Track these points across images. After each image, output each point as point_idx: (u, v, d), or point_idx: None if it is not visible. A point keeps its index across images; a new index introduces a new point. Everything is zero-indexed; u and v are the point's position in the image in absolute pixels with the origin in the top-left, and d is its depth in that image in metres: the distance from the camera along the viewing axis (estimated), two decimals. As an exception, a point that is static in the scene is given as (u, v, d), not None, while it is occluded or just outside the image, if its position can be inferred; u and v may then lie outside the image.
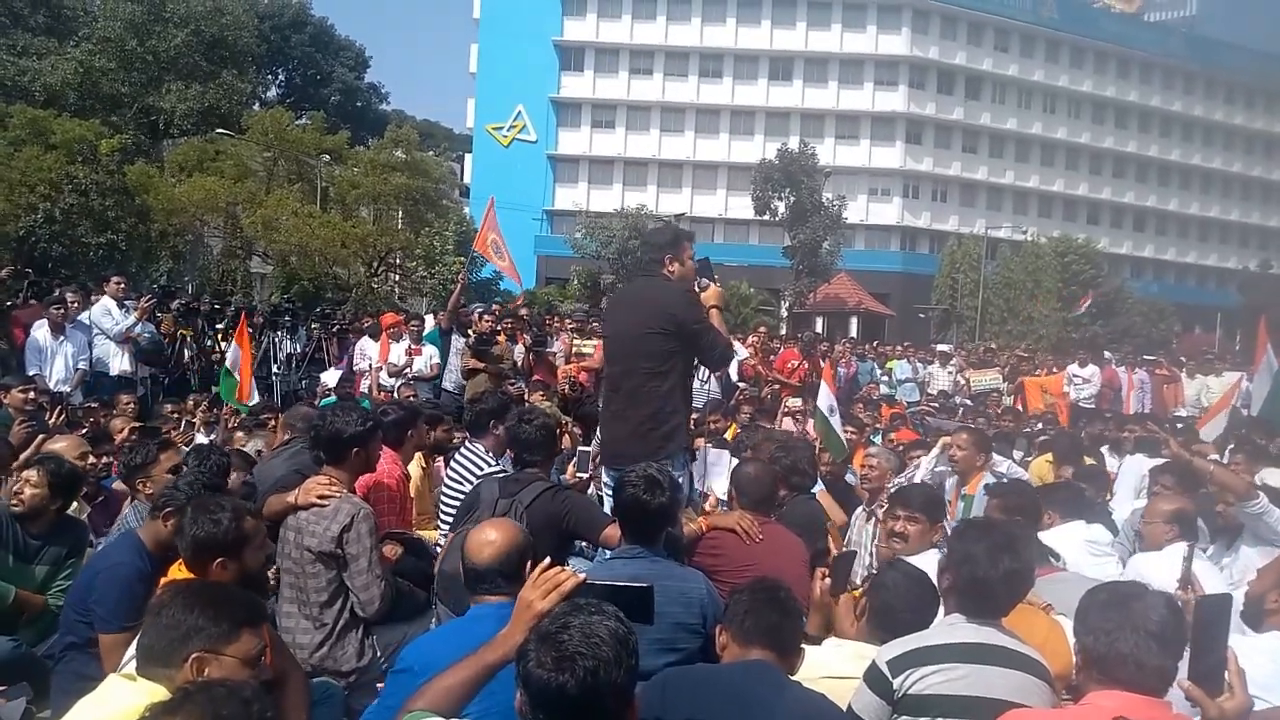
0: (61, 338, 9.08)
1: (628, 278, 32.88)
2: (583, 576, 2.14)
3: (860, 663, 2.80)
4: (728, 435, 7.98)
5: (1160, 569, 3.58)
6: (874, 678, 2.72)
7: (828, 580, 3.35)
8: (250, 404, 8.14)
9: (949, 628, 2.84)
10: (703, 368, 6.78)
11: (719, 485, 5.04)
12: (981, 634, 2.75)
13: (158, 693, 2.09)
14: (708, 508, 4.36)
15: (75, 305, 9.52)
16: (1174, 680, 2.28)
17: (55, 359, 8.99)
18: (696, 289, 4.49)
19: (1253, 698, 3.02)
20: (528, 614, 2.08)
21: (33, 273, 12.23)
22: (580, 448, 5.75)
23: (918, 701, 2.65)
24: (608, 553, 3.67)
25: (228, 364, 8.48)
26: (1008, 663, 2.69)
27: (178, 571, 3.01)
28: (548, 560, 2.22)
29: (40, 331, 9.04)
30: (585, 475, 4.84)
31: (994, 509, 4.39)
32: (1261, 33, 56.20)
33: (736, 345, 8.80)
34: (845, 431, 7.64)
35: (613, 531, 3.60)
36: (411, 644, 2.83)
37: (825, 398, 6.99)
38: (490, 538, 2.71)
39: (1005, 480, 5.35)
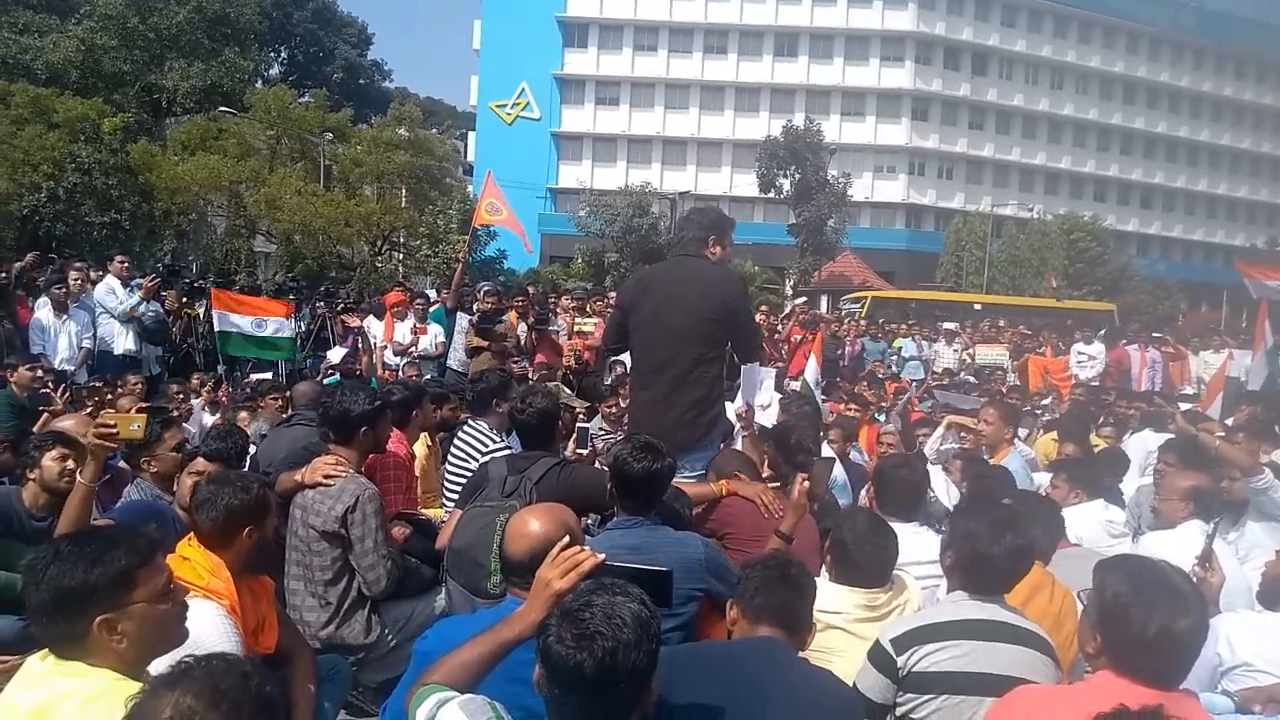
0: (65, 317, 9.09)
1: (634, 255, 32.81)
2: (602, 557, 2.12)
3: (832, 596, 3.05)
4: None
5: (1172, 547, 3.56)
6: (878, 656, 2.74)
7: (807, 484, 3.50)
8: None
9: (953, 605, 2.85)
10: None
11: (761, 399, 5.07)
12: (985, 610, 2.76)
13: (74, 669, 2.00)
14: (738, 417, 4.37)
15: (79, 283, 9.52)
16: (1185, 677, 2.27)
17: (59, 338, 9.01)
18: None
19: (1270, 675, 3.03)
20: (546, 592, 2.07)
21: (57, 259, 12.23)
22: (580, 425, 5.76)
23: (923, 679, 2.67)
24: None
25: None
26: (1011, 639, 2.70)
27: (186, 547, 3.00)
28: (567, 539, 2.21)
29: (43, 311, 9.06)
30: (585, 451, 4.85)
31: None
32: (1271, 7, 55.59)
33: None
34: (849, 409, 7.66)
35: None
36: (435, 627, 2.75)
37: (811, 371, 6.96)
38: (528, 529, 2.51)
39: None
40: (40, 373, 7.16)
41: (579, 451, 4.81)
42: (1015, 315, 21.85)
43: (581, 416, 6.82)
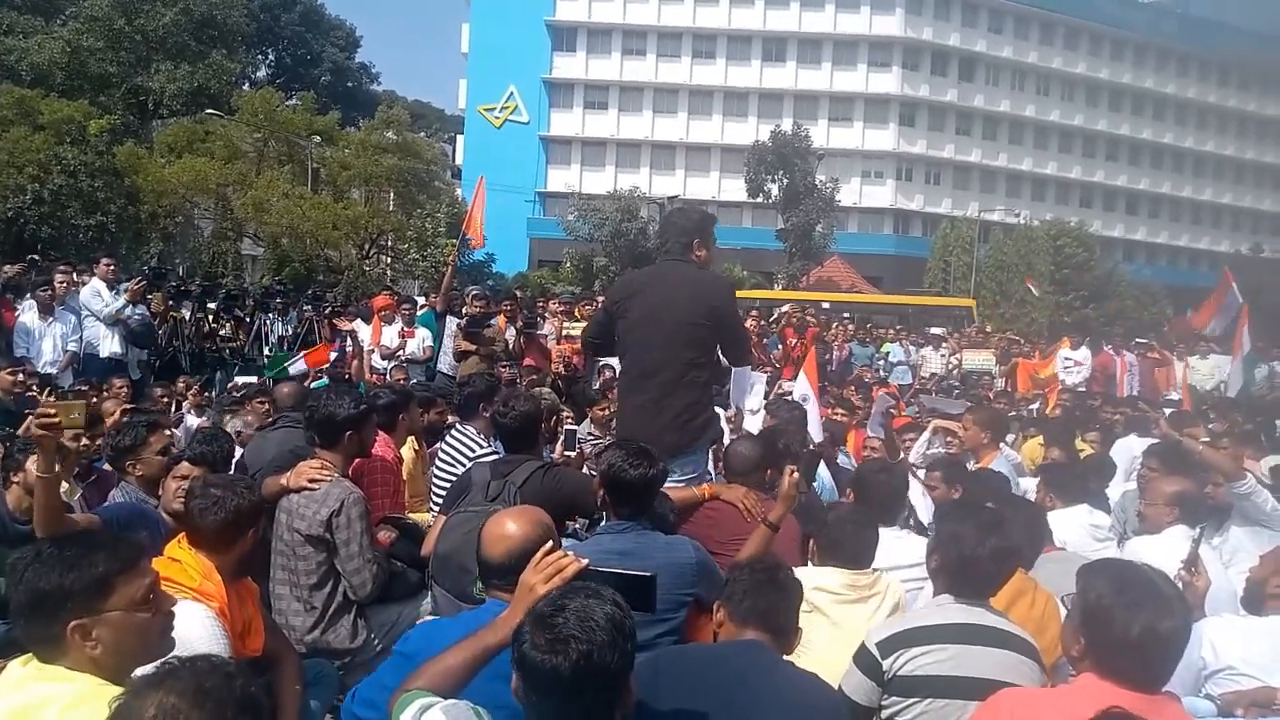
0: (50, 319, 9.03)
1: (622, 260, 32.83)
2: (585, 562, 2.12)
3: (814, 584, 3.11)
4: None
5: (1157, 552, 3.58)
6: (864, 659, 2.75)
7: (796, 475, 3.53)
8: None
9: (938, 609, 2.86)
10: None
11: (750, 403, 5.07)
12: (970, 614, 2.77)
13: (55, 675, 1.98)
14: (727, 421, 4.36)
15: (64, 286, 9.46)
16: (1168, 679, 2.28)
17: (43, 341, 8.95)
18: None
19: (1254, 679, 3.05)
20: (529, 597, 2.05)
21: (39, 259, 12.19)
22: (567, 426, 5.76)
23: (908, 682, 2.68)
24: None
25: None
26: (996, 642, 2.71)
27: (176, 549, 2.99)
28: (550, 544, 2.21)
29: (28, 314, 9.00)
30: (573, 454, 4.84)
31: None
32: (1255, 14, 56.01)
33: None
34: (836, 415, 7.67)
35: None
36: (417, 629, 2.75)
37: (802, 386, 6.85)
38: (506, 531, 2.49)
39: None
40: (22, 376, 7.10)
41: (567, 455, 4.81)
42: (870, 312, 21.65)
43: (570, 420, 6.81)
